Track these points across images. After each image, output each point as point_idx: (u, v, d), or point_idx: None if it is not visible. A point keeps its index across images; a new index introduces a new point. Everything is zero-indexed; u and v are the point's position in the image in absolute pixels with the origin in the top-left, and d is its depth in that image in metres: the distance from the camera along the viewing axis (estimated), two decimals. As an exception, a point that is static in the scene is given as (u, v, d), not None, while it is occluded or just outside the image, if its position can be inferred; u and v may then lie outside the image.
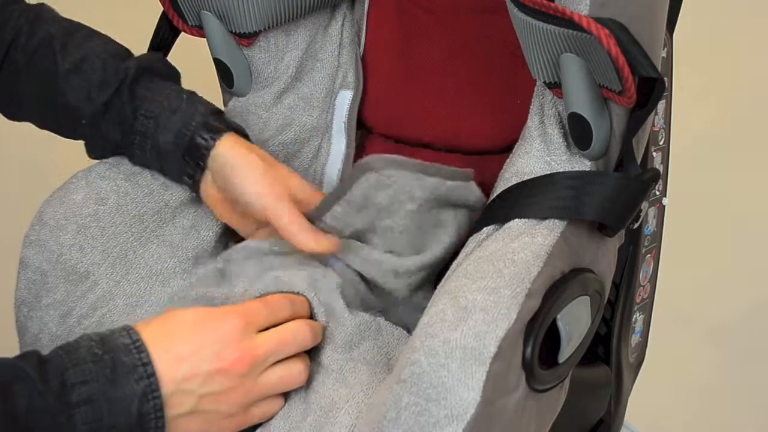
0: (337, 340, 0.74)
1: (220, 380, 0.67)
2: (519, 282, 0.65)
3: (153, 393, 0.63)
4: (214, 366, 0.66)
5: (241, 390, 0.68)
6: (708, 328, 1.66)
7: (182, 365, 0.65)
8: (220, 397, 0.67)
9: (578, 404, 0.81)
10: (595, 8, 0.68)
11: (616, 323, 0.91)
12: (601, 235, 0.75)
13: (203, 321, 0.68)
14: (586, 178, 0.73)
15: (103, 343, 0.64)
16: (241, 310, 0.70)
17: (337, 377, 0.72)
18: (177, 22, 0.93)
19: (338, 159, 0.95)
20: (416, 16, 0.93)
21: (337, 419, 0.69)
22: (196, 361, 0.66)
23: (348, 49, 0.96)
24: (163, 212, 0.85)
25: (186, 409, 0.65)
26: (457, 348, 0.61)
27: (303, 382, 0.71)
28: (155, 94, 0.82)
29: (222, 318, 0.69)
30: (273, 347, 0.69)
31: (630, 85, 0.68)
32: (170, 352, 0.65)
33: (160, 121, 0.81)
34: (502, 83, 0.88)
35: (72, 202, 0.82)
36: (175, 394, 0.65)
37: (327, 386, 0.71)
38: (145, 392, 0.63)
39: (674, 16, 0.88)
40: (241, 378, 0.67)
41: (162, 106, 0.82)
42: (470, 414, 0.60)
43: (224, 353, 0.67)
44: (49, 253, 0.80)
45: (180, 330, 0.67)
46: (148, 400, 0.63)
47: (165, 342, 0.66)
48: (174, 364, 0.65)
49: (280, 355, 0.70)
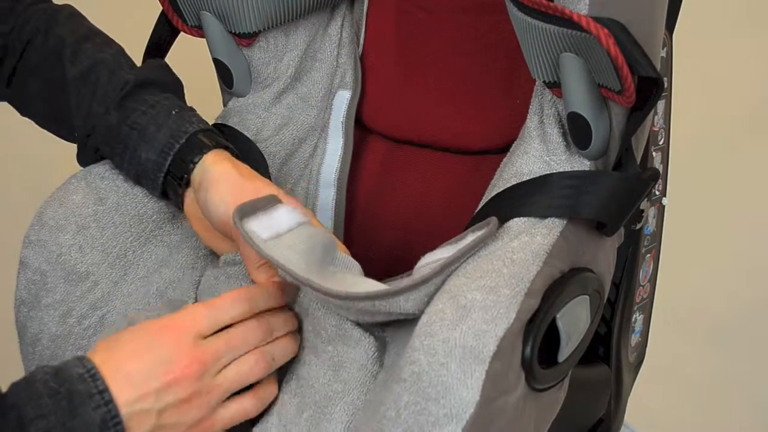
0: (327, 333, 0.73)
1: (175, 391, 0.66)
2: (518, 281, 0.65)
3: (113, 419, 0.63)
4: (165, 379, 0.66)
5: (199, 395, 0.67)
6: (707, 328, 1.66)
7: (134, 385, 0.65)
8: (179, 408, 0.66)
9: (578, 404, 0.81)
10: (594, 8, 0.68)
11: (616, 323, 0.91)
12: (601, 235, 0.75)
13: (147, 335, 0.68)
14: (585, 178, 0.73)
15: (58, 375, 0.64)
16: (180, 318, 0.69)
17: (331, 372, 0.72)
18: (176, 22, 0.93)
19: (335, 159, 0.95)
20: (415, 16, 0.93)
21: (333, 415, 0.69)
22: (146, 378, 0.65)
23: (347, 49, 0.96)
24: (163, 212, 0.85)
25: (147, 427, 0.65)
26: (456, 347, 0.61)
27: (264, 369, 0.70)
28: (147, 107, 0.81)
29: (163, 330, 0.68)
30: (221, 349, 0.69)
31: (629, 84, 0.68)
32: (121, 372, 0.65)
33: (145, 134, 0.80)
34: (502, 83, 0.88)
35: (71, 203, 0.82)
36: (134, 415, 0.64)
37: (321, 381, 0.71)
38: (104, 419, 0.63)
39: (674, 16, 0.88)
40: (196, 383, 0.67)
41: (150, 120, 0.81)
42: (469, 413, 0.60)
43: (171, 364, 0.66)
44: (48, 254, 0.80)
45: (125, 349, 0.67)
46: (108, 427, 0.63)
47: (115, 363, 0.65)
48: (127, 385, 0.64)
49: (231, 355, 0.69)
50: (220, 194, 0.77)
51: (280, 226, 0.72)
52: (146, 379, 0.65)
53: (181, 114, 0.82)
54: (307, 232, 0.73)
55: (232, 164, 0.80)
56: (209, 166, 0.79)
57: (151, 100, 0.82)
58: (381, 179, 0.96)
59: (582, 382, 0.82)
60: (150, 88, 0.83)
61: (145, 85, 0.83)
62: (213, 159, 0.80)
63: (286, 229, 0.73)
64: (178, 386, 0.66)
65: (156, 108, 0.81)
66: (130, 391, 0.64)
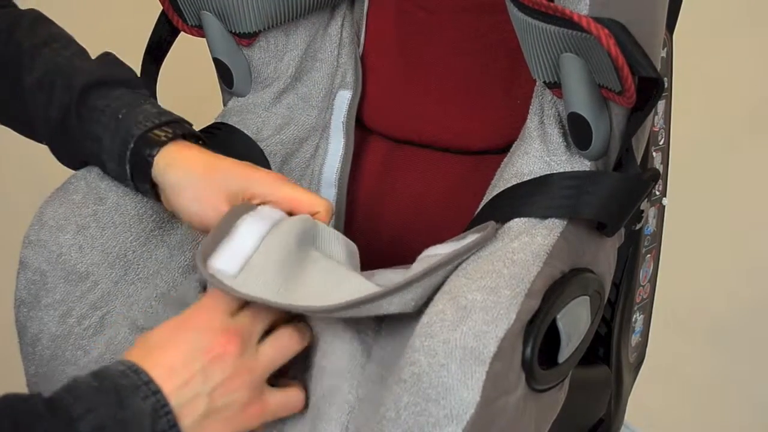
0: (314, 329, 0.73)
1: (220, 368, 0.65)
2: (519, 282, 0.65)
3: (163, 408, 0.62)
4: (207, 358, 0.65)
5: (244, 370, 0.66)
6: (707, 328, 1.66)
7: (177, 373, 0.64)
8: (227, 386, 0.66)
9: (578, 404, 0.81)
10: (594, 8, 0.68)
11: (616, 323, 0.91)
12: (601, 235, 0.75)
13: (176, 327, 0.67)
14: (586, 178, 0.73)
15: (99, 375, 0.63)
16: (204, 303, 0.69)
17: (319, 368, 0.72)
18: (176, 22, 0.93)
19: (336, 159, 0.95)
20: (416, 16, 0.92)
21: (331, 415, 0.69)
22: (187, 363, 0.65)
23: (347, 49, 0.96)
24: (163, 212, 0.85)
25: (201, 412, 0.64)
26: (456, 348, 0.61)
27: (299, 341, 0.70)
28: (99, 113, 0.80)
29: (192, 316, 0.68)
30: (253, 320, 0.68)
31: (630, 85, 0.68)
32: (161, 365, 0.64)
33: (103, 144, 0.79)
34: (502, 83, 0.88)
35: (71, 202, 0.82)
36: (184, 403, 0.64)
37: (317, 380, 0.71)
38: (154, 409, 0.62)
39: (674, 16, 0.88)
40: (238, 359, 0.66)
41: (103, 128, 0.79)
42: (470, 414, 0.60)
43: (210, 343, 0.66)
44: (48, 253, 0.80)
45: (160, 344, 0.66)
46: (160, 416, 0.62)
47: (153, 359, 0.65)
48: (170, 375, 0.64)
49: (262, 325, 0.69)
50: (184, 197, 0.77)
51: (244, 249, 0.71)
52: (188, 364, 0.64)
53: (128, 115, 0.79)
54: (276, 235, 0.72)
55: (185, 159, 0.78)
56: (164, 167, 0.77)
57: (101, 104, 0.80)
58: (381, 179, 0.96)
59: (582, 383, 0.82)
60: (101, 89, 0.81)
61: (97, 87, 0.81)
62: (166, 158, 0.78)
63: (252, 249, 0.71)
64: (222, 363, 0.65)
65: (107, 113, 0.80)
66: (174, 380, 0.64)
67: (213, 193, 0.76)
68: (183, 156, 0.78)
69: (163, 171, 0.77)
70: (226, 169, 0.78)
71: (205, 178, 0.77)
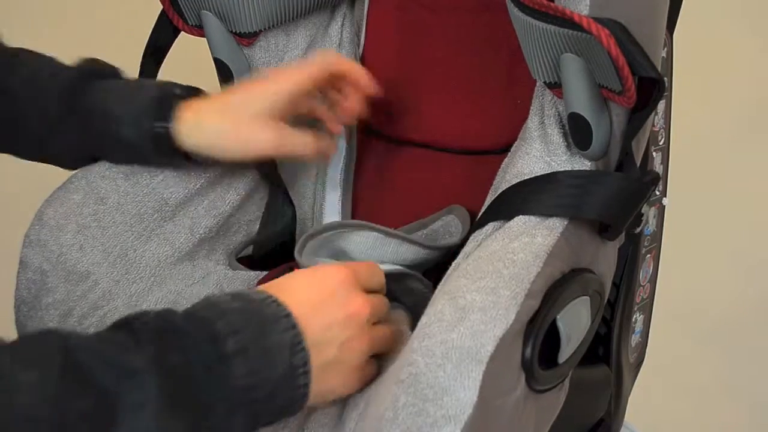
0: None
1: (354, 325, 0.66)
2: (518, 282, 0.65)
3: (299, 344, 0.62)
4: (346, 311, 0.66)
5: (366, 337, 0.67)
6: (708, 328, 1.66)
7: (318, 314, 0.64)
8: (353, 344, 0.66)
9: (578, 404, 0.81)
10: (595, 8, 0.68)
11: (616, 323, 0.90)
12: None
13: (319, 277, 0.68)
14: (589, 177, 0.73)
15: (241, 298, 0.63)
16: (342, 268, 0.69)
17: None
18: (177, 22, 0.93)
19: (339, 159, 0.95)
20: (416, 16, 0.93)
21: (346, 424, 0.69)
22: (329, 308, 0.65)
23: (348, 49, 0.96)
24: (163, 210, 0.85)
25: (329, 358, 0.64)
26: (453, 348, 0.61)
27: (393, 342, 0.71)
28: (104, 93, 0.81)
29: (335, 271, 0.68)
30: (379, 303, 0.70)
31: (630, 85, 0.68)
32: (304, 303, 0.64)
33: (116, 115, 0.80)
34: (502, 83, 0.89)
35: (72, 202, 0.82)
36: (319, 343, 0.64)
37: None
38: (293, 342, 0.62)
39: (674, 17, 0.88)
40: (366, 324, 0.67)
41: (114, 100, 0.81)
42: (468, 414, 0.60)
43: (350, 299, 0.67)
44: (49, 253, 0.80)
45: (302, 286, 0.67)
46: (296, 351, 0.62)
47: (295, 296, 0.65)
48: (311, 314, 0.64)
49: (381, 314, 0.70)
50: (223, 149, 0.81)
51: None
52: (330, 311, 0.65)
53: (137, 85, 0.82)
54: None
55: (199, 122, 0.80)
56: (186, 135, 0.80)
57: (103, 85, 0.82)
58: (381, 179, 0.96)
59: (582, 383, 0.82)
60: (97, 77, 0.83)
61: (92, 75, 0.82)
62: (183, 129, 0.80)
63: None
64: (355, 321, 0.66)
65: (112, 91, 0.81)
66: (316, 320, 0.64)
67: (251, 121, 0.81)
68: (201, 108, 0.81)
69: (186, 128, 0.80)
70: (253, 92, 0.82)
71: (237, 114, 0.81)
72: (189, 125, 0.80)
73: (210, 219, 0.87)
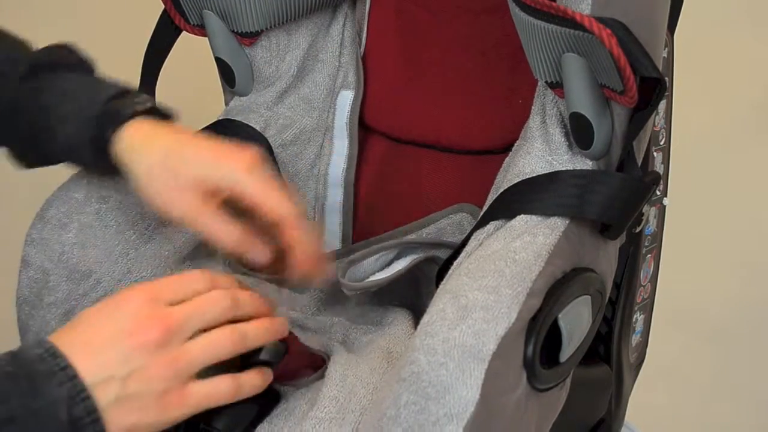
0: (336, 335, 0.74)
1: (139, 355, 0.62)
2: (520, 281, 0.65)
3: (80, 394, 0.60)
4: (129, 342, 0.62)
5: (164, 361, 0.63)
6: (707, 328, 1.66)
7: (96, 354, 0.61)
8: (145, 374, 0.62)
9: (579, 403, 0.81)
10: (596, 8, 0.68)
11: (617, 323, 0.90)
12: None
13: (105, 307, 0.65)
14: (590, 177, 0.73)
15: (15, 360, 0.60)
16: (143, 285, 0.66)
17: (338, 374, 0.72)
18: (178, 21, 0.93)
19: (341, 159, 0.95)
20: (417, 15, 0.93)
21: (345, 419, 0.69)
22: (108, 345, 0.62)
23: (349, 49, 0.96)
24: (164, 210, 0.85)
25: (111, 397, 0.61)
26: (455, 347, 0.61)
27: (234, 343, 0.66)
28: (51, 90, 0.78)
29: (124, 298, 0.65)
30: (188, 313, 0.64)
31: (631, 84, 0.68)
32: (83, 347, 0.61)
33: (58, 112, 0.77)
34: (504, 83, 0.89)
35: (74, 201, 0.82)
36: (97, 383, 0.60)
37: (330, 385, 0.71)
38: (71, 395, 0.59)
39: (675, 17, 0.88)
40: (162, 348, 0.63)
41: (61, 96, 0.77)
42: (470, 412, 0.60)
43: (134, 329, 0.62)
44: (51, 252, 0.80)
45: (86, 323, 0.64)
46: (77, 402, 0.59)
47: (77, 340, 0.62)
48: (89, 356, 0.61)
49: (198, 321, 0.65)
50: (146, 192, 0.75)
51: None
52: (108, 346, 0.62)
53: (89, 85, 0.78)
54: None
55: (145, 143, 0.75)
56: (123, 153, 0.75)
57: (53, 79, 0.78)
58: (383, 179, 0.97)
59: (583, 382, 0.82)
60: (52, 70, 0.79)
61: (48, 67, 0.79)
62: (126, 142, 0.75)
63: None
64: (142, 350, 0.62)
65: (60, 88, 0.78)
66: (91, 360, 0.61)
67: (175, 186, 0.74)
68: (143, 139, 0.75)
69: (122, 154, 0.75)
70: (190, 155, 0.74)
71: (165, 170, 0.74)
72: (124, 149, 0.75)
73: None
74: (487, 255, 0.69)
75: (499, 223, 0.74)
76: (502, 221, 0.74)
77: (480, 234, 0.75)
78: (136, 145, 0.75)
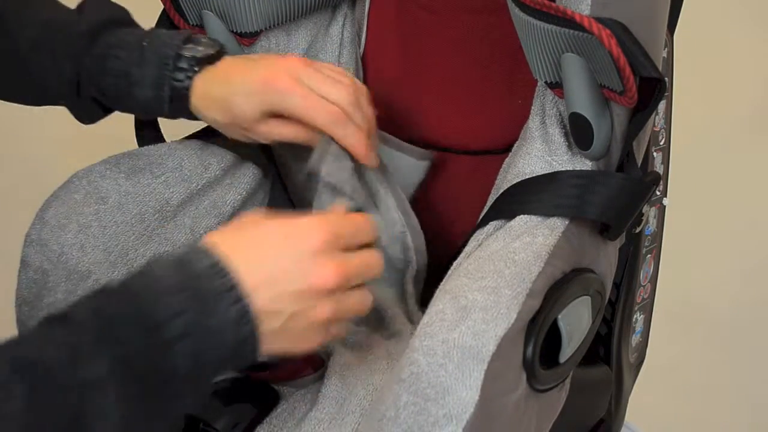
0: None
1: (310, 298, 0.63)
2: (520, 282, 0.65)
3: (246, 317, 0.60)
4: (304, 284, 0.62)
5: (327, 308, 0.63)
6: (707, 328, 1.66)
7: (272, 285, 0.61)
8: (310, 314, 0.63)
9: (579, 404, 0.81)
10: (596, 8, 0.68)
11: (617, 323, 0.90)
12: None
13: (288, 236, 0.64)
14: (590, 177, 0.73)
15: (182, 269, 0.60)
16: (323, 221, 0.65)
17: (338, 374, 0.72)
18: (178, 21, 0.93)
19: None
20: (417, 16, 0.93)
21: (345, 420, 0.69)
22: (285, 280, 0.62)
23: (348, 49, 0.96)
24: (164, 210, 0.85)
25: (275, 326, 0.61)
26: (455, 348, 0.61)
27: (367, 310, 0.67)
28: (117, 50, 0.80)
29: (305, 231, 0.64)
30: (360, 269, 0.65)
31: (631, 85, 0.68)
32: (257, 272, 0.61)
33: (132, 76, 0.80)
34: (503, 83, 0.89)
35: (73, 201, 0.82)
36: (265, 314, 0.61)
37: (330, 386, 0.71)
38: (239, 315, 0.59)
39: (675, 17, 0.88)
40: (329, 295, 0.63)
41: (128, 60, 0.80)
42: (469, 413, 0.60)
43: (313, 270, 0.63)
44: (50, 253, 0.80)
45: (263, 245, 0.63)
46: (243, 324, 0.60)
47: (252, 257, 0.62)
48: (265, 285, 0.61)
49: (361, 279, 0.66)
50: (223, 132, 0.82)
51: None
52: (285, 282, 0.62)
53: (152, 42, 0.81)
54: None
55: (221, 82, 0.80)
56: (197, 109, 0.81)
57: (115, 41, 0.81)
58: (382, 179, 0.96)
59: (583, 383, 0.82)
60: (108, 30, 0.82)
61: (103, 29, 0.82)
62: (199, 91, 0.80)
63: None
64: (314, 294, 0.63)
65: (125, 48, 0.80)
66: (265, 289, 0.61)
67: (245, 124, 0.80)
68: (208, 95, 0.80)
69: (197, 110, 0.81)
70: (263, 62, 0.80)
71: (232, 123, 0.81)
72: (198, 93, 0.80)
73: (211, 219, 0.87)
74: (486, 256, 0.69)
75: (498, 224, 0.74)
76: (501, 222, 0.74)
77: (479, 234, 0.75)
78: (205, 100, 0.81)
